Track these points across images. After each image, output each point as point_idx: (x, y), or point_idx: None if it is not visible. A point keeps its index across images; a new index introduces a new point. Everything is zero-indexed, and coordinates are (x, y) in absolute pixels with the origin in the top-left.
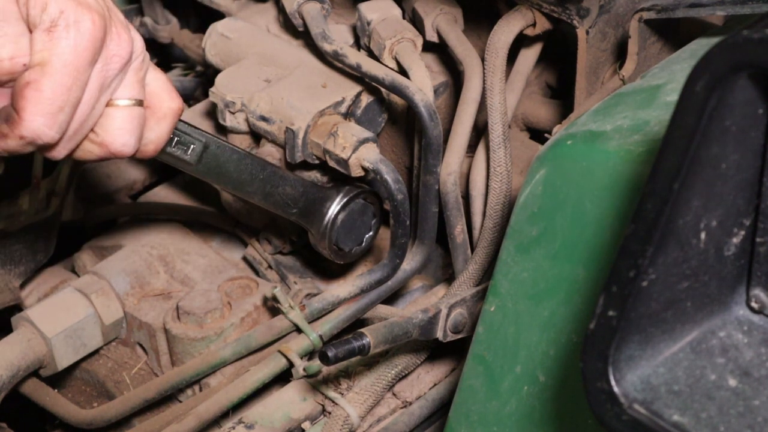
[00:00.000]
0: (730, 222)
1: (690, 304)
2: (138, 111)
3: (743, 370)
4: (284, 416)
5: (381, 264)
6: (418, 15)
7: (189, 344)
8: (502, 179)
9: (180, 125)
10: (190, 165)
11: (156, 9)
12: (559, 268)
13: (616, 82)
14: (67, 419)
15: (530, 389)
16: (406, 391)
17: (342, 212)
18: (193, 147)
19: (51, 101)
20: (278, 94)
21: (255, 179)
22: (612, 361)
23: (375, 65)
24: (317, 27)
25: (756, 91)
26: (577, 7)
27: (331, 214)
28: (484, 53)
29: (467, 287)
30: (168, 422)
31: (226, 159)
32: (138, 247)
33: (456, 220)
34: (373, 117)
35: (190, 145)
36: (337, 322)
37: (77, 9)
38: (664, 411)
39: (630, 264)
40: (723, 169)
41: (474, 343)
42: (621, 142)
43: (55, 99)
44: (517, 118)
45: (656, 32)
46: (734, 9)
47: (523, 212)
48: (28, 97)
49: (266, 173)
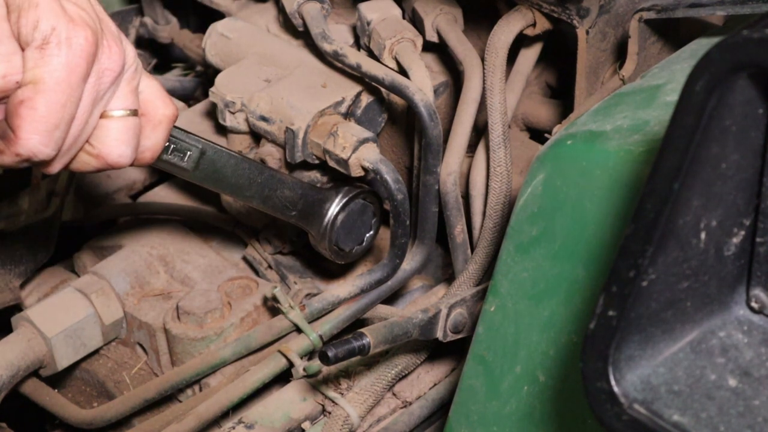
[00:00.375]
0: (730, 222)
1: (690, 304)
2: (133, 121)
3: (743, 370)
4: (284, 416)
5: (381, 264)
6: (418, 15)
7: (189, 344)
8: (502, 179)
9: (175, 132)
10: (188, 171)
11: (156, 9)
12: (559, 268)
13: (616, 82)
14: (67, 419)
15: (530, 389)
16: (406, 391)
17: (341, 213)
18: (190, 153)
19: (46, 119)
20: (278, 94)
21: (253, 183)
22: (612, 361)
23: (375, 65)
24: (317, 27)
25: (756, 91)
26: (577, 7)
27: (330, 215)
28: (484, 53)
29: (467, 287)
30: (168, 422)
31: (223, 164)
32: (138, 247)
33: (456, 220)
34: (373, 117)
35: (187, 151)
36: (337, 322)
37: (69, 25)
38: (664, 411)
39: (630, 264)
40: (723, 169)
41: (474, 343)
42: (621, 142)
43: (50, 117)
44: (517, 118)
45: (656, 32)
46: (734, 9)
47: (523, 212)
48: (22, 116)
49: (264, 177)
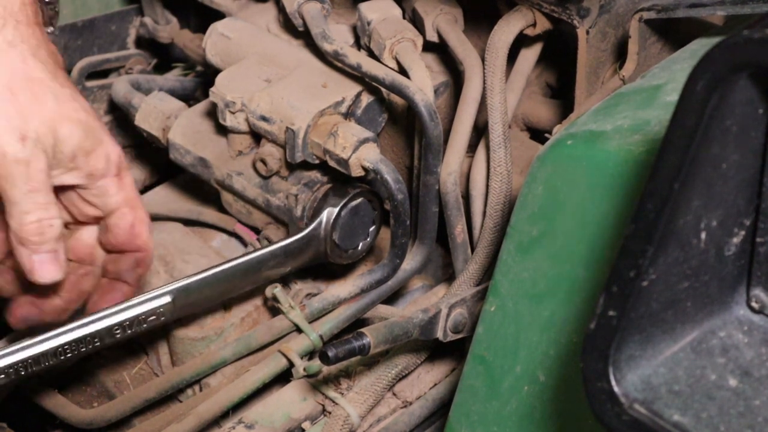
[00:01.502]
0: (731, 222)
1: (690, 304)
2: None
3: (744, 370)
4: (284, 416)
5: (381, 264)
6: (418, 15)
7: (189, 344)
8: (503, 179)
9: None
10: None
11: (156, 9)
12: (560, 268)
13: (616, 82)
14: (67, 419)
15: (530, 389)
16: (406, 391)
17: (336, 228)
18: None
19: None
20: (278, 94)
21: (235, 287)
22: (612, 361)
23: (375, 65)
24: (317, 27)
25: (756, 91)
26: (577, 7)
27: (325, 239)
28: (484, 53)
29: (467, 287)
30: (168, 422)
31: (196, 293)
32: None
33: (456, 220)
34: (374, 117)
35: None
36: (337, 322)
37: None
38: (664, 411)
39: (630, 264)
40: (723, 169)
41: (474, 343)
42: (621, 142)
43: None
44: (518, 118)
45: (656, 32)
46: (734, 9)
47: (524, 212)
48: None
49: (242, 271)
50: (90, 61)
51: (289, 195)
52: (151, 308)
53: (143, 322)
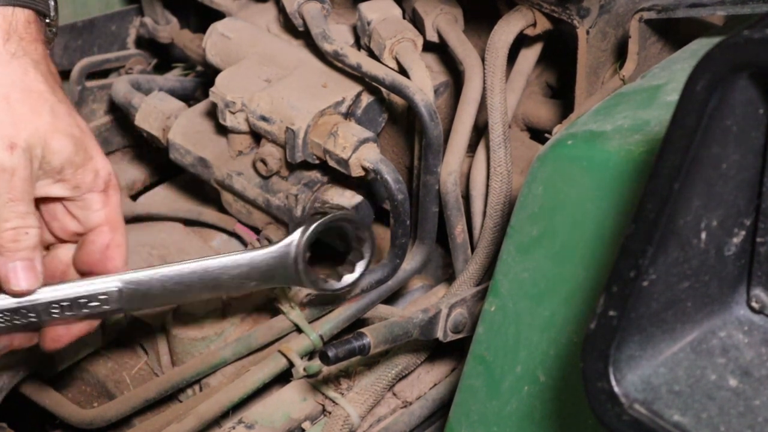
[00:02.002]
0: (731, 222)
1: (690, 304)
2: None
3: (744, 370)
4: (284, 416)
5: (381, 264)
6: (418, 15)
7: (189, 344)
8: (503, 179)
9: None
10: (120, 309)
11: (156, 9)
12: (560, 268)
13: (616, 82)
14: (67, 419)
15: (531, 389)
16: (407, 391)
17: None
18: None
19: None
20: (278, 94)
21: (191, 290)
22: (612, 361)
23: (375, 65)
24: (317, 27)
25: (756, 91)
26: (577, 7)
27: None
28: (485, 53)
29: (467, 287)
30: (168, 422)
31: (147, 288)
32: (138, 247)
33: (456, 220)
34: (374, 117)
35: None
36: (337, 322)
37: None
38: (664, 411)
39: (630, 264)
40: (723, 169)
41: (474, 343)
42: (621, 142)
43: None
44: (518, 118)
45: (656, 32)
46: (734, 9)
47: (524, 212)
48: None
49: (199, 274)
50: (90, 61)
51: (289, 195)
52: (95, 292)
53: (84, 306)
